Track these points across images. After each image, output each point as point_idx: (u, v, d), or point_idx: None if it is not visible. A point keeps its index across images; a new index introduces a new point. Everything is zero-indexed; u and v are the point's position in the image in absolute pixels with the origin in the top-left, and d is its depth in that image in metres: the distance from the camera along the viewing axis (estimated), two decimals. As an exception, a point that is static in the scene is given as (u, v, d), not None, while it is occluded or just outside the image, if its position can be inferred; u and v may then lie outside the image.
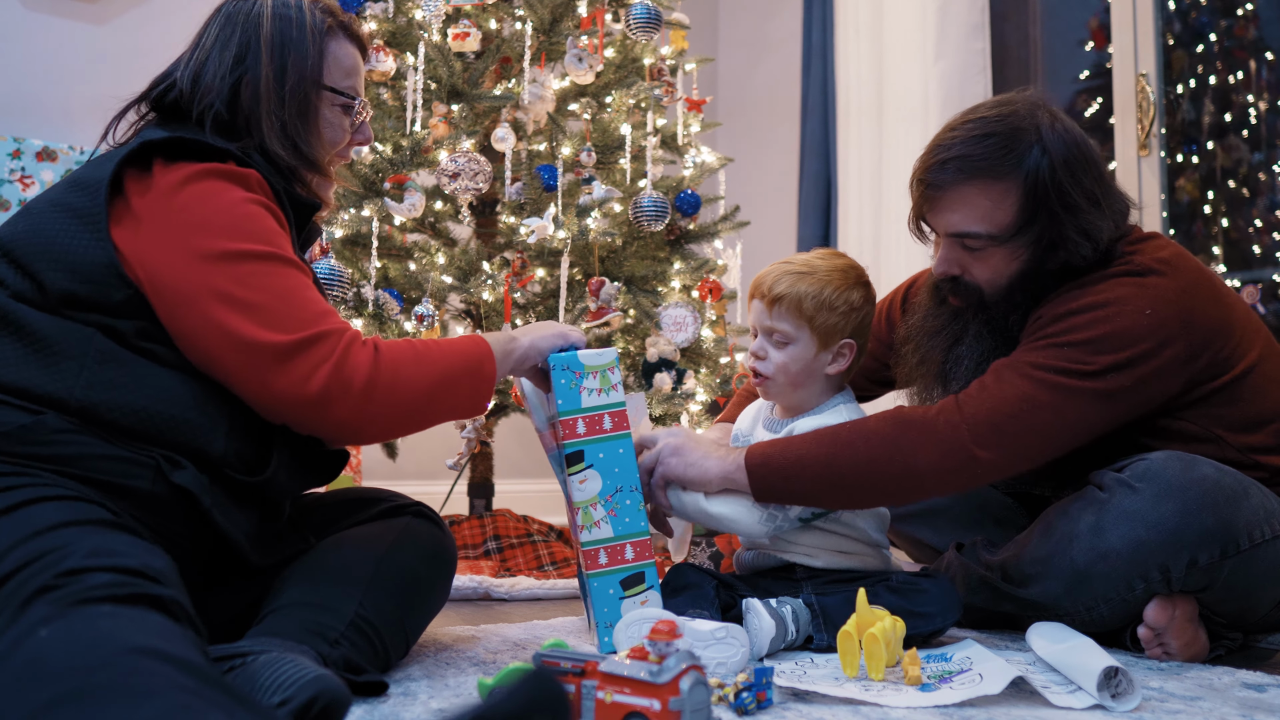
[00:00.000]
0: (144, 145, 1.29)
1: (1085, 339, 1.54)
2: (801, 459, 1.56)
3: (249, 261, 1.26)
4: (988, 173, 1.60)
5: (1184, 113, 4.05)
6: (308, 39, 1.43)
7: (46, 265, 1.23)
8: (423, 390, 1.32)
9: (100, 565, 0.97)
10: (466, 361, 1.37)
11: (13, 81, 3.03)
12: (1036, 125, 1.61)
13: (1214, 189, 3.91)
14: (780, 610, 1.55)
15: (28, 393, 1.18)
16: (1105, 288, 1.58)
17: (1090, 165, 1.62)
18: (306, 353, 1.24)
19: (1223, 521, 1.47)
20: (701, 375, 2.62)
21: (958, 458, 1.53)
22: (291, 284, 1.28)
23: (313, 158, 1.45)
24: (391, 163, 2.48)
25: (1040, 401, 1.52)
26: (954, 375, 1.71)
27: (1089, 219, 1.60)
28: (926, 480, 1.56)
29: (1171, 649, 1.53)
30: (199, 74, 1.41)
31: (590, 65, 2.55)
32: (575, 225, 2.45)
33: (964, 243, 1.65)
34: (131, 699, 0.79)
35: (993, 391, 1.55)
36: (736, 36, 4.64)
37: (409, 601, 1.42)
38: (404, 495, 1.59)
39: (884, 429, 1.56)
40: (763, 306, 1.68)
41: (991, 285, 1.67)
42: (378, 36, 2.55)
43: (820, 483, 1.55)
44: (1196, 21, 4.13)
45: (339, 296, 2.30)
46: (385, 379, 1.28)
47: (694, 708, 1.06)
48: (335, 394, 1.25)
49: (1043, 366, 1.55)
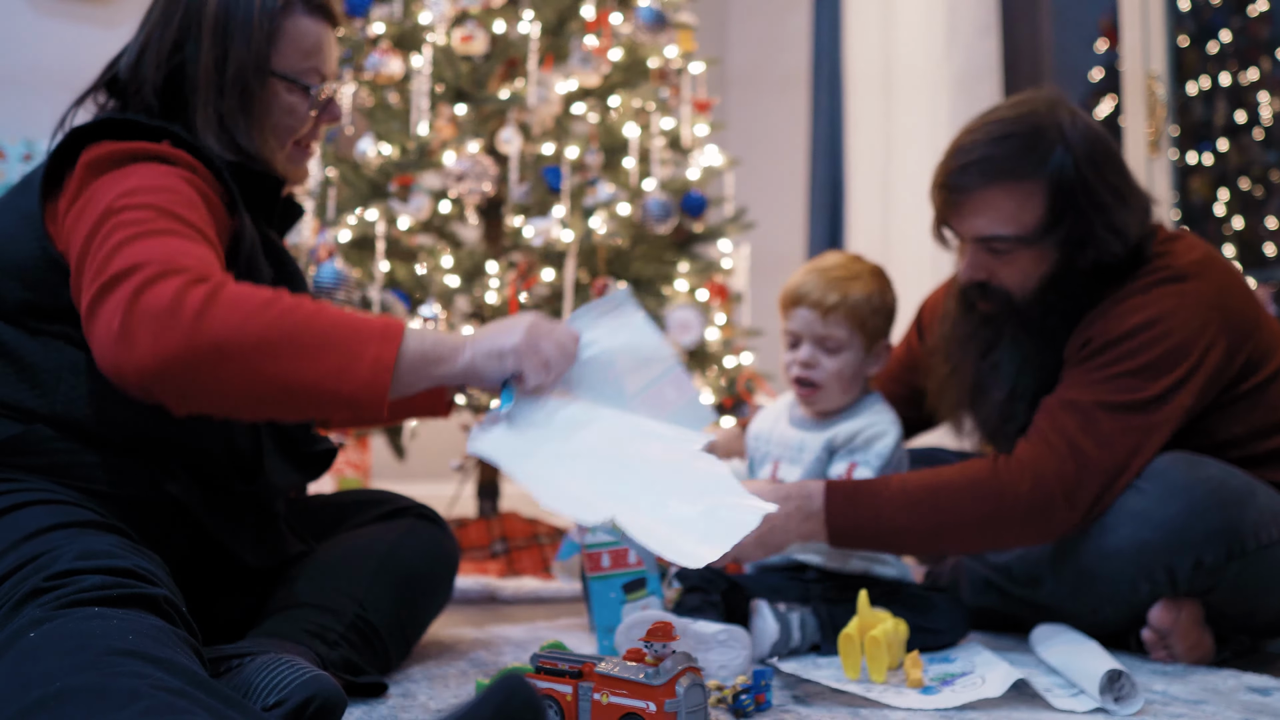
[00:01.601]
0: (73, 133, 1.21)
1: (1142, 365, 1.52)
2: (897, 530, 1.53)
3: (112, 216, 1.11)
4: (1011, 174, 1.56)
5: (1197, 112, 4.02)
6: (255, 20, 1.27)
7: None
8: (252, 338, 1.06)
9: (91, 567, 0.97)
10: (346, 328, 1.11)
11: (24, 85, 3.06)
12: (1058, 123, 1.57)
13: (1227, 189, 3.88)
14: (787, 616, 1.55)
15: (11, 406, 1.17)
16: (1150, 300, 1.55)
17: (1113, 161, 1.60)
18: (107, 294, 1.05)
19: (1229, 522, 1.46)
20: (709, 377, 2.61)
21: (1056, 531, 1.54)
22: (149, 230, 1.10)
23: (252, 151, 1.30)
24: (398, 165, 2.49)
25: (1116, 458, 1.51)
26: (992, 383, 1.67)
27: (1116, 215, 1.57)
28: (1017, 547, 1.62)
29: (1177, 651, 1.52)
30: (139, 61, 1.28)
31: (596, 67, 2.56)
32: (581, 227, 2.45)
33: (990, 246, 1.61)
34: (114, 701, 0.79)
35: (1069, 450, 1.51)
36: (746, 37, 4.64)
37: (410, 603, 1.42)
38: (406, 497, 1.59)
39: (980, 506, 1.52)
40: (813, 315, 1.65)
41: (1021, 289, 1.62)
42: (385, 39, 2.56)
43: (908, 547, 1.58)
44: (1210, 21, 4.10)
45: (345, 299, 2.30)
46: (193, 311, 1.04)
47: (690, 709, 1.06)
48: (131, 330, 1.03)
49: (1109, 406, 1.52)
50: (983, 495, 1.52)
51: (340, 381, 1.09)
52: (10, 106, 3.04)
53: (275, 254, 1.39)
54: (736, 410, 2.60)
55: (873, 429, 1.66)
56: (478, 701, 0.85)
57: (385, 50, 2.49)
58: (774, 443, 1.75)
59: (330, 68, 1.38)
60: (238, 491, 1.29)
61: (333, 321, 1.11)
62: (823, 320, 1.64)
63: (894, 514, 1.52)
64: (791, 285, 1.68)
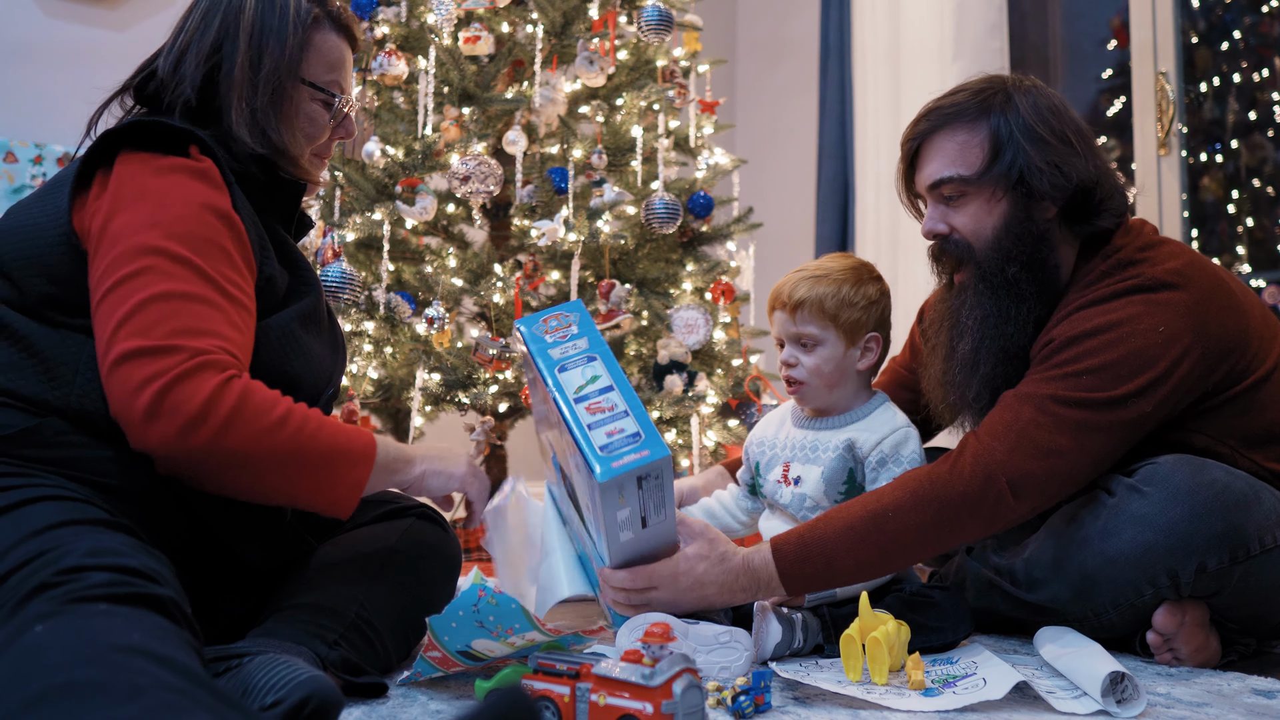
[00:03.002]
0: (105, 136, 1.28)
1: (1101, 364, 1.52)
2: (852, 570, 1.52)
3: (151, 255, 1.19)
4: (956, 119, 1.67)
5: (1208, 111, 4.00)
6: (289, 28, 1.39)
7: (23, 269, 1.23)
8: (263, 456, 1.19)
9: (99, 564, 0.98)
10: (336, 452, 1.25)
11: (34, 88, 3.07)
12: (1004, 82, 1.69)
13: (1238, 188, 3.86)
14: (791, 616, 1.55)
15: (27, 398, 1.19)
16: (1116, 306, 1.56)
17: (1059, 114, 1.65)
18: (144, 361, 1.14)
19: (1233, 526, 1.44)
20: (715, 378, 2.61)
21: (1001, 522, 1.52)
22: (182, 292, 1.19)
23: (281, 145, 1.40)
24: (403, 166, 2.49)
25: (1065, 446, 1.51)
26: (959, 339, 1.70)
27: (1058, 153, 1.62)
28: (969, 541, 1.59)
29: (1182, 655, 1.51)
30: (180, 61, 1.38)
31: (601, 68, 2.56)
32: (586, 228, 2.45)
33: (942, 193, 1.68)
34: (117, 697, 0.79)
35: (1018, 438, 1.51)
36: (754, 38, 4.63)
37: (410, 603, 1.42)
38: (408, 497, 1.59)
39: (923, 515, 1.51)
40: (785, 315, 1.71)
41: (977, 237, 1.67)
42: (390, 40, 2.57)
43: (864, 575, 1.54)
44: (1221, 19, 4.08)
45: (351, 299, 2.31)
46: (221, 420, 1.15)
47: (686, 711, 1.05)
48: (161, 414, 1.13)
49: (1063, 401, 1.52)
50: (924, 503, 1.51)
51: (321, 496, 1.25)
52: (21, 109, 3.06)
53: (290, 258, 1.42)
54: (742, 410, 2.59)
55: (895, 435, 1.68)
56: (475, 712, 0.85)
57: (391, 52, 2.49)
58: (781, 445, 1.76)
59: (348, 84, 1.50)
60: None
61: (328, 444, 1.24)
62: (792, 319, 1.69)
63: (844, 556, 1.50)
64: (773, 290, 1.74)
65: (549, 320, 1.43)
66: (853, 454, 1.67)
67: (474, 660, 1.27)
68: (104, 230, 1.21)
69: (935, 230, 1.71)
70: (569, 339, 1.41)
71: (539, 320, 1.43)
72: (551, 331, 1.42)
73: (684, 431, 2.52)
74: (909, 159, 1.74)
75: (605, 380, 1.37)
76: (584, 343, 1.41)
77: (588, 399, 1.36)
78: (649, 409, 2.46)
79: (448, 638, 1.23)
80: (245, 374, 1.20)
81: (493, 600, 1.20)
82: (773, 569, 1.50)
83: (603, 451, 1.31)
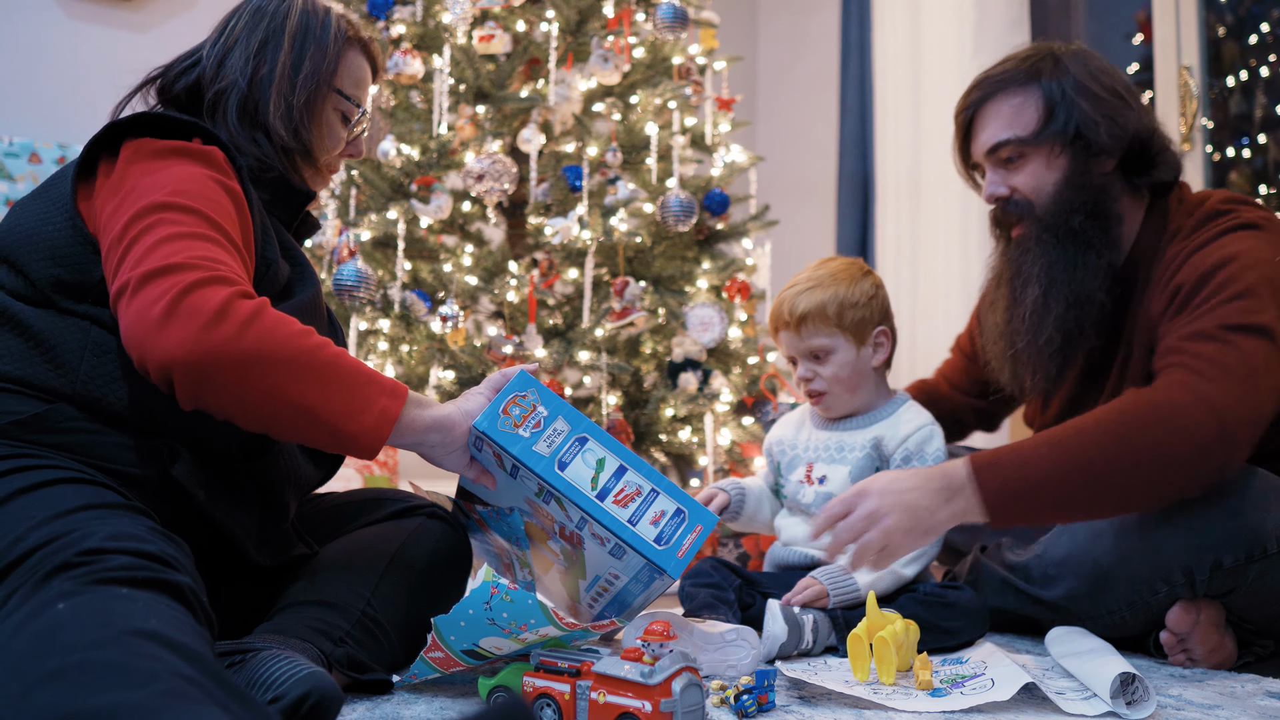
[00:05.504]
0: (110, 127, 1.31)
1: (1244, 288, 1.48)
2: (1050, 479, 1.43)
3: (160, 211, 1.19)
4: (1007, 85, 1.70)
5: (1235, 105, 3.94)
6: (330, 39, 1.47)
7: (30, 255, 1.25)
8: (288, 359, 1.14)
9: (120, 548, 0.99)
10: (368, 375, 1.20)
11: (57, 89, 3.11)
12: (1050, 48, 1.72)
13: (1266, 182, 3.80)
14: (800, 617, 1.54)
15: (36, 385, 1.20)
16: (1227, 241, 1.56)
17: (1109, 72, 1.68)
18: (158, 279, 1.12)
19: (1249, 524, 1.42)
20: (730, 376, 2.60)
21: (1215, 459, 1.41)
22: (192, 233, 1.18)
23: (309, 145, 1.47)
24: (419, 165, 2.50)
25: (1256, 361, 1.43)
26: (1024, 289, 1.67)
27: (1112, 107, 1.65)
28: (1184, 474, 1.43)
29: (1196, 655, 1.49)
30: (224, 58, 1.44)
31: (616, 65, 2.55)
32: (601, 226, 2.45)
33: (1000, 157, 1.71)
34: (130, 680, 0.81)
35: (1221, 370, 1.42)
36: (774, 34, 4.62)
37: (419, 601, 1.42)
38: (418, 496, 1.60)
39: (1133, 427, 1.41)
40: (791, 333, 1.73)
41: (1039, 194, 1.68)
42: (406, 39, 2.57)
43: (1068, 498, 1.44)
44: (1249, 12, 4.02)
45: (366, 298, 2.32)
46: (242, 318, 1.12)
47: (686, 709, 1.05)
48: (179, 315, 1.10)
49: (1236, 328, 1.45)
50: (1140, 420, 1.41)
51: (350, 421, 1.18)
52: (44, 110, 3.10)
53: (291, 254, 1.43)
54: (758, 408, 2.58)
55: (919, 432, 1.70)
56: (475, 715, 0.85)
57: (407, 51, 2.50)
58: (804, 446, 1.79)
59: (367, 105, 1.57)
60: (242, 474, 1.30)
61: (354, 367, 1.20)
62: (799, 335, 1.71)
63: (1039, 460, 1.43)
64: (769, 315, 1.75)
65: (509, 409, 1.29)
66: (879, 451, 1.68)
67: (478, 659, 1.27)
68: (115, 210, 1.22)
69: (996, 194, 1.72)
70: (544, 425, 1.29)
71: (497, 415, 1.28)
72: (521, 423, 1.29)
73: (699, 429, 2.51)
74: (964, 130, 1.77)
75: (613, 461, 1.28)
76: (562, 424, 1.29)
77: (609, 491, 1.27)
78: (663, 407, 2.45)
79: (454, 637, 1.23)
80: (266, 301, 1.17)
81: (507, 597, 1.19)
82: (967, 470, 1.45)
83: (660, 545, 1.25)
